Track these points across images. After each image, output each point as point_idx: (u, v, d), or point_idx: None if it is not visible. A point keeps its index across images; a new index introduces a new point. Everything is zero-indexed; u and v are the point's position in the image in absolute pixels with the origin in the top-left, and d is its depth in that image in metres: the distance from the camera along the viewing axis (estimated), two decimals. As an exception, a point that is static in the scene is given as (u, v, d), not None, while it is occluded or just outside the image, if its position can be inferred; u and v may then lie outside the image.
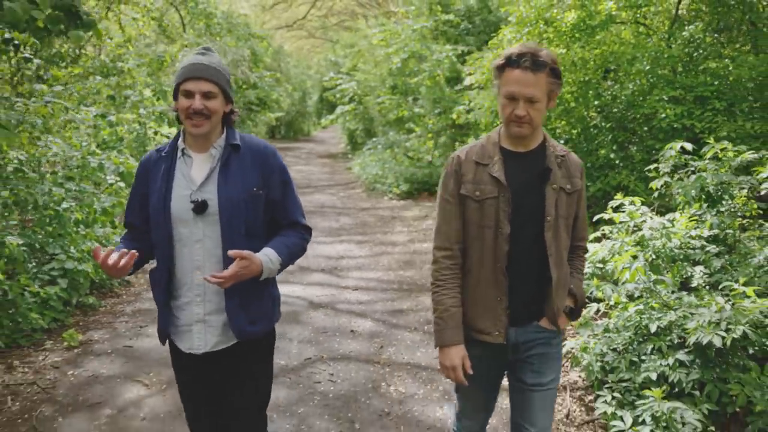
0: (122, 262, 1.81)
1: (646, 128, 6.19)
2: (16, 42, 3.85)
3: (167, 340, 2.08)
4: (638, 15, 6.78)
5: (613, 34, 6.43)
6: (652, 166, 4.35)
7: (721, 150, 4.01)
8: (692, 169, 4.11)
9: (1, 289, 3.95)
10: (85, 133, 6.15)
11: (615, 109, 6.46)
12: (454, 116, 8.95)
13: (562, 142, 6.60)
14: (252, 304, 2.00)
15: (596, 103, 6.54)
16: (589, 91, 6.21)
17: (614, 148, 6.35)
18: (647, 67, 6.05)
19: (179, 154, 1.98)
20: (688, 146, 4.06)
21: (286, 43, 28.25)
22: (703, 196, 4.01)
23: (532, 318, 2.01)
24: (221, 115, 1.95)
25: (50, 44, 6.76)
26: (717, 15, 6.69)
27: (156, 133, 8.06)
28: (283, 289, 2.94)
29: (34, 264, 4.64)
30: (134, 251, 1.84)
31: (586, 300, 2.11)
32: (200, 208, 1.91)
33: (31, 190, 4.62)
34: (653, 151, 5.60)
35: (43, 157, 5.38)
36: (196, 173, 1.97)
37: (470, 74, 8.15)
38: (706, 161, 4.03)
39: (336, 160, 17.37)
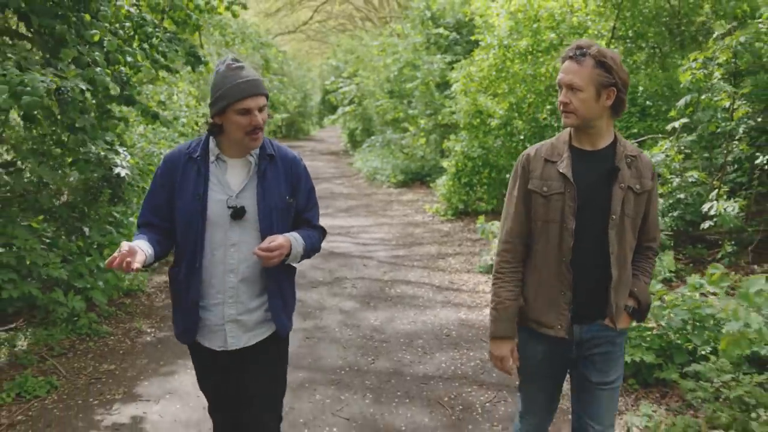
0: (122, 260, 1.83)
1: (582, 126, 8.48)
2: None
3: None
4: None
5: (555, 57, 8.67)
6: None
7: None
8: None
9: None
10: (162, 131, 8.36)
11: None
12: (439, 118, 11.22)
13: (521, 138, 8.89)
14: (288, 302, 2.22)
15: (549, 107, 8.80)
16: (539, 99, 8.48)
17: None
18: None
19: (212, 158, 2.07)
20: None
21: (286, 45, 30.51)
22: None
23: (597, 316, 2.07)
24: None
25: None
26: (640, 40, 9.00)
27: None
28: (329, 220, 5.18)
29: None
30: (129, 249, 1.87)
31: (651, 301, 2.22)
32: (238, 214, 2.02)
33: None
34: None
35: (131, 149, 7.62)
36: (231, 179, 2.07)
37: (455, 82, 10.39)
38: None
39: (338, 157, 19.67)
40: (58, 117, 3.95)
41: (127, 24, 5.12)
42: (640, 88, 8.31)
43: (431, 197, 11.02)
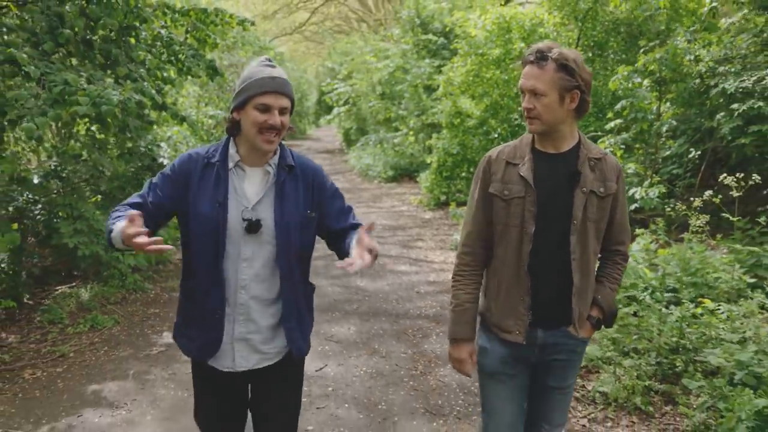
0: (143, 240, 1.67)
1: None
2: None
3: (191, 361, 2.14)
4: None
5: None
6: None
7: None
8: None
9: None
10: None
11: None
12: (423, 119, 12.61)
13: (495, 136, 10.25)
14: (304, 322, 2.13)
15: (520, 109, 10.15)
16: (510, 101, 9.85)
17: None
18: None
19: (231, 164, 1.99)
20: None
21: (283, 47, 31.89)
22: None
23: (561, 323, 2.07)
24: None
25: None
26: (605, 46, 10.36)
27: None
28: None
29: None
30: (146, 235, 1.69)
31: (617, 309, 2.21)
32: (253, 227, 1.95)
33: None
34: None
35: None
36: (249, 189, 2.00)
37: (436, 87, 11.77)
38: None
39: (334, 155, 21.07)
40: (114, 121, 5.29)
41: (158, 43, 6.48)
42: (600, 91, 9.66)
43: (417, 190, 12.39)
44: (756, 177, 4.29)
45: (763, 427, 2.99)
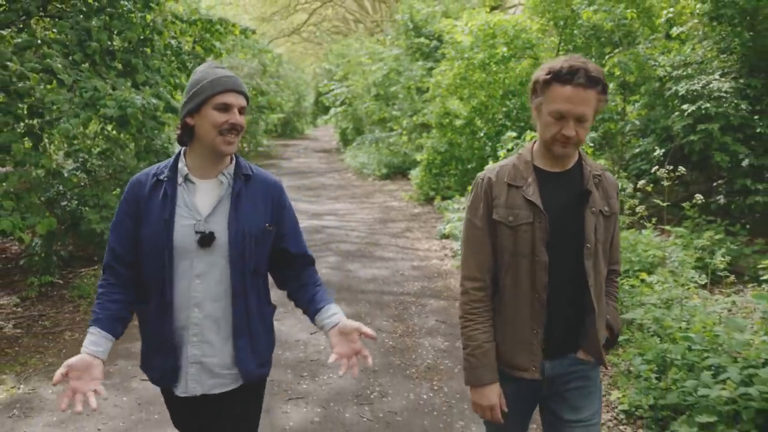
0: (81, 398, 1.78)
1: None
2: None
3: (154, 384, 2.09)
4: (531, 53, 11.26)
5: (510, 67, 10.82)
6: (500, 145, 8.82)
7: (531, 137, 8.50)
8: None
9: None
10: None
11: (514, 111, 10.94)
12: (414, 119, 13.46)
13: (481, 135, 11.08)
14: (260, 345, 2.04)
15: (504, 110, 11.00)
16: (495, 101, 10.68)
17: (514, 136, 10.88)
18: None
19: (180, 179, 1.95)
20: (513, 134, 8.55)
21: (281, 48, 32.75)
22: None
23: (568, 350, 1.98)
24: None
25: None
26: (585, 50, 11.18)
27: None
28: (307, 223, 7.38)
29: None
30: (94, 393, 1.81)
31: (621, 327, 2.10)
32: (206, 240, 1.91)
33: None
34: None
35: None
36: (201, 202, 1.95)
37: (428, 89, 12.59)
38: (526, 142, 8.52)
39: (330, 154, 21.92)
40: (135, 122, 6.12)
41: (168, 52, 7.31)
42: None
43: (409, 187, 13.22)
44: (681, 169, 5.11)
45: (662, 365, 3.82)
